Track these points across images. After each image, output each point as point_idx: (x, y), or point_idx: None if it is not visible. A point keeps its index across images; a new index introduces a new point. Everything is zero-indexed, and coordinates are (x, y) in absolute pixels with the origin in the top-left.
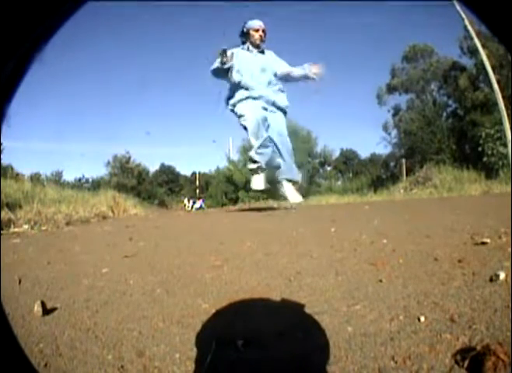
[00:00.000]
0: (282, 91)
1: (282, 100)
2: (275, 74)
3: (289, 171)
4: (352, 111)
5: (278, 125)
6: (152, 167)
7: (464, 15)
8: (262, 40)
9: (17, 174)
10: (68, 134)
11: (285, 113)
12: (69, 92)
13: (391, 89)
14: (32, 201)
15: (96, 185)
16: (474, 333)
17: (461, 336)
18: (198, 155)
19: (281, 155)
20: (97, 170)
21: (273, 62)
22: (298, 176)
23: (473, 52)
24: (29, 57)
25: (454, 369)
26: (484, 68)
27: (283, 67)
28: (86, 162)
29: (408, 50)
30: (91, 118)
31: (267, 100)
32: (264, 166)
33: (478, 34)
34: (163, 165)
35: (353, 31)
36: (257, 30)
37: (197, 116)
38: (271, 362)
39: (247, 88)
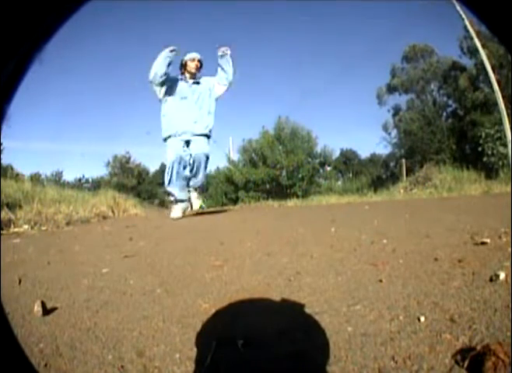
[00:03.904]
0: (210, 113)
1: (206, 127)
2: (216, 99)
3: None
4: (352, 111)
5: (198, 150)
6: (152, 167)
7: (464, 15)
8: (198, 70)
9: (17, 174)
10: (68, 134)
11: (208, 136)
12: (69, 92)
13: (391, 89)
14: (32, 201)
15: (96, 185)
16: (474, 333)
17: (461, 336)
18: None
19: (195, 176)
20: (97, 170)
21: (208, 89)
22: (199, 189)
23: (473, 52)
24: (29, 57)
25: (454, 369)
26: (484, 68)
27: (217, 88)
28: (86, 162)
29: (408, 50)
30: (91, 118)
31: (191, 133)
32: (181, 197)
33: (478, 34)
34: (163, 165)
35: (353, 31)
36: (193, 60)
37: None
38: (271, 362)
39: (175, 124)
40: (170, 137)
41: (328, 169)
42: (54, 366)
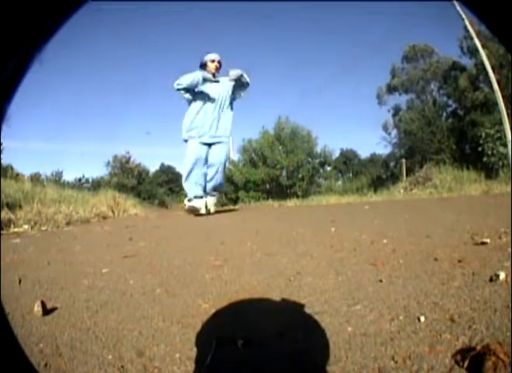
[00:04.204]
0: (229, 114)
1: (225, 131)
2: (232, 100)
3: (219, 186)
4: (352, 111)
5: (215, 157)
6: (152, 167)
7: (464, 15)
8: (217, 70)
9: (17, 174)
10: (68, 134)
11: (224, 143)
12: (69, 92)
13: (391, 89)
14: (32, 201)
15: (96, 185)
16: (474, 333)
17: (461, 336)
18: None
19: (212, 179)
20: (97, 170)
21: (226, 91)
22: (215, 193)
23: (473, 52)
24: (29, 57)
25: (454, 369)
26: (484, 68)
27: (235, 91)
28: (86, 162)
29: (408, 50)
30: (91, 118)
31: (210, 136)
32: (196, 194)
33: (478, 34)
34: (162, 165)
35: (353, 31)
36: (213, 61)
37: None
38: (271, 362)
39: (195, 126)
40: (190, 138)
41: (328, 169)
42: (54, 366)
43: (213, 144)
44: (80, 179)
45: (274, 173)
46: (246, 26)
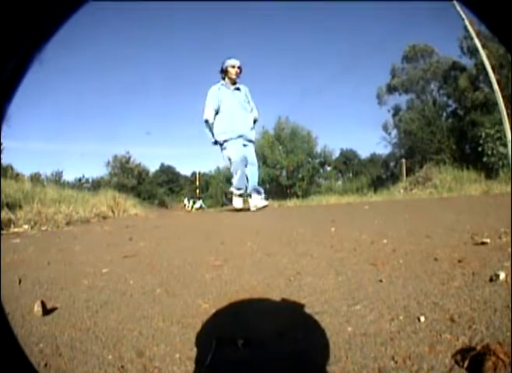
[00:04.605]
0: (254, 123)
1: (253, 134)
2: (251, 110)
3: (256, 188)
4: (352, 111)
5: (252, 157)
6: (152, 167)
7: (464, 15)
8: (238, 76)
9: (17, 174)
10: (68, 134)
11: (254, 143)
12: (69, 92)
13: (391, 89)
14: (32, 201)
15: (96, 185)
16: (474, 333)
17: (461, 336)
18: (198, 155)
19: (248, 180)
20: (97, 170)
21: (245, 95)
22: (261, 190)
23: (473, 52)
24: (29, 57)
25: (454, 369)
26: (484, 68)
27: (251, 107)
28: (86, 162)
29: (408, 50)
30: (91, 118)
31: (245, 138)
32: (243, 193)
33: (478, 34)
34: (162, 165)
35: (353, 31)
36: (233, 67)
37: (197, 116)
38: (271, 362)
39: (231, 129)
40: (227, 140)
41: (328, 169)
42: (54, 366)
43: (247, 145)
44: (80, 179)
45: (274, 173)
46: (246, 26)
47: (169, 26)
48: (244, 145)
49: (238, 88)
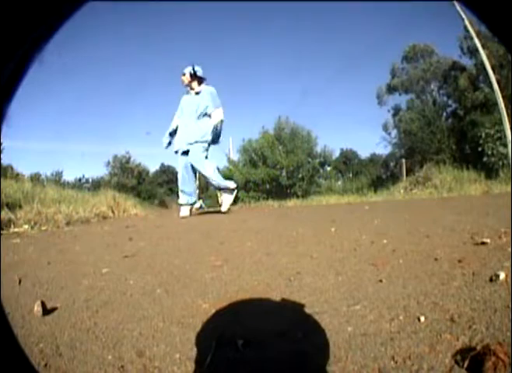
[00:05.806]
0: (216, 127)
1: (204, 135)
2: (206, 114)
3: (223, 184)
4: (352, 111)
5: (193, 157)
6: (152, 167)
7: (464, 15)
8: (190, 82)
9: (17, 174)
10: (68, 134)
11: (205, 142)
12: (69, 92)
13: (390, 89)
14: (32, 201)
15: (96, 185)
16: (474, 333)
17: (461, 336)
18: None
19: (200, 178)
20: (97, 170)
21: (205, 103)
22: (233, 185)
23: (473, 52)
24: (29, 57)
25: (454, 369)
26: (484, 68)
27: (210, 111)
28: (86, 162)
29: (408, 50)
30: (91, 118)
31: (186, 143)
32: (190, 202)
33: (478, 34)
34: (162, 165)
35: (353, 31)
36: (184, 75)
37: None
38: (271, 362)
39: (178, 140)
40: (177, 151)
41: (328, 169)
42: (54, 366)
43: (190, 150)
44: (80, 179)
45: (274, 173)
46: (246, 26)
47: (169, 26)
48: (186, 151)
49: (198, 93)
